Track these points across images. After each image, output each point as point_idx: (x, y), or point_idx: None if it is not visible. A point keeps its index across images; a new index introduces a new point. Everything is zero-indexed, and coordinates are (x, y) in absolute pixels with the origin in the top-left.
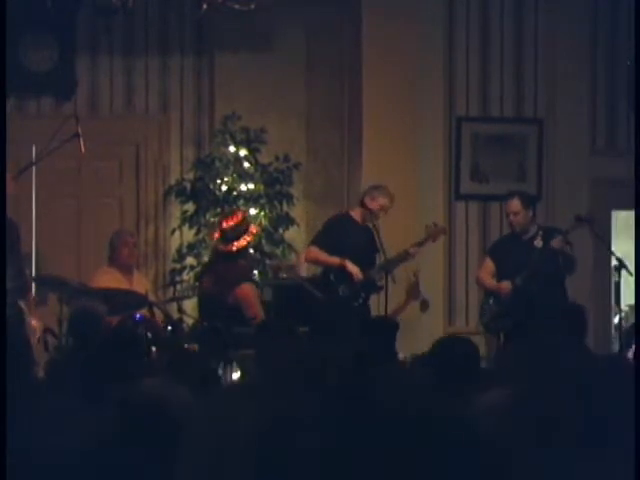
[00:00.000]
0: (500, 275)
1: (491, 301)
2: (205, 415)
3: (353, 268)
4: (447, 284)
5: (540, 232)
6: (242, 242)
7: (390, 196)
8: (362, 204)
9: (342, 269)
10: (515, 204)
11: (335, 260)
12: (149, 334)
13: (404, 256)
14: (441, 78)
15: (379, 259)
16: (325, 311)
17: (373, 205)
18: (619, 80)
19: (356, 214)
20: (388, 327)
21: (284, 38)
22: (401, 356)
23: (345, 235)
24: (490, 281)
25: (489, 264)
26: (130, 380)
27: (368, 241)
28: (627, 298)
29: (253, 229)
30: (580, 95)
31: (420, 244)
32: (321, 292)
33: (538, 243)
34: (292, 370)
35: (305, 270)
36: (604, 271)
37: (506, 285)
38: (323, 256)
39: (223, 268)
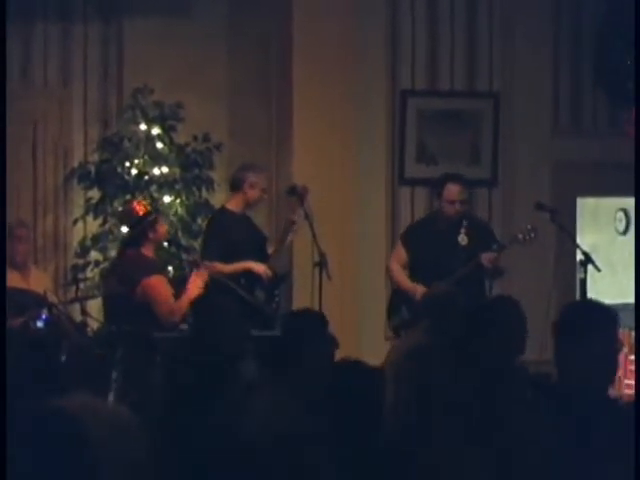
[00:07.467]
0: (412, 267)
1: (404, 308)
2: None
3: (259, 268)
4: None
5: (465, 223)
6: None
7: (265, 173)
8: (240, 192)
9: (247, 273)
10: (457, 191)
11: (237, 267)
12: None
13: (290, 226)
14: (383, 48)
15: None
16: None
17: (254, 193)
18: (585, 50)
19: (233, 205)
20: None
21: (203, 3)
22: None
23: (231, 234)
24: (404, 278)
25: (400, 252)
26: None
27: (253, 230)
28: (594, 297)
29: (161, 227)
30: (541, 66)
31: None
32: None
33: (462, 240)
34: None
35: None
36: (568, 267)
37: (421, 290)
38: (222, 267)
39: (128, 263)
